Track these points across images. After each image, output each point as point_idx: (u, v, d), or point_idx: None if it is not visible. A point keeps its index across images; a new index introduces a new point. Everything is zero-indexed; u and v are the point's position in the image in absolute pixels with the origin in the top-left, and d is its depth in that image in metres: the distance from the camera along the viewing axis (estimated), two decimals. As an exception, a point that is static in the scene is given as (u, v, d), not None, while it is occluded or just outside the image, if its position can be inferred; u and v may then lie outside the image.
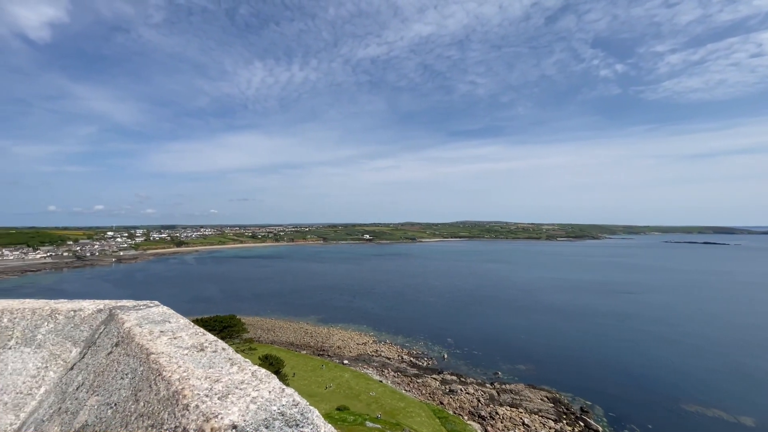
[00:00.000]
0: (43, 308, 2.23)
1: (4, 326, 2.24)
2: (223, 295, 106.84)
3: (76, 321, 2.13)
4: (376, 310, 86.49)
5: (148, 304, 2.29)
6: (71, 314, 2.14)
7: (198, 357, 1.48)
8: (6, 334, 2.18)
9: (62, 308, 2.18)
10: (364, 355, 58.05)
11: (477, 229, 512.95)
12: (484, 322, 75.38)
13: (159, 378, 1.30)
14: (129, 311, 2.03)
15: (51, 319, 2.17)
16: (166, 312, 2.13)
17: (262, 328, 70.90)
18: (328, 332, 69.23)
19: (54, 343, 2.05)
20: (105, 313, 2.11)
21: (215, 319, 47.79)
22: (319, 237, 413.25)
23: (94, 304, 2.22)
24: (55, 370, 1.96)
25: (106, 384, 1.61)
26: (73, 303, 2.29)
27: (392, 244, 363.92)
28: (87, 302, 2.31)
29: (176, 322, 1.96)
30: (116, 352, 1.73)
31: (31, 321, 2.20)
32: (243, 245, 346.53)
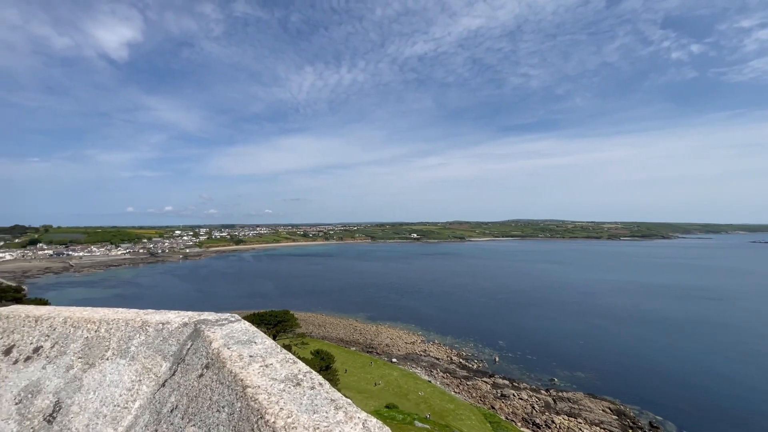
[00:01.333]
0: (134, 319, 2.29)
1: (102, 336, 2.31)
2: (277, 291, 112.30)
3: (164, 334, 2.13)
4: (424, 309, 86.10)
5: (229, 318, 2.26)
6: (160, 327, 2.16)
7: (297, 395, 1.41)
8: (104, 345, 2.25)
9: (151, 320, 2.23)
10: (412, 354, 58.07)
11: (530, 228, 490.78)
12: (539, 325, 72.01)
13: (262, 422, 1.23)
14: (213, 327, 2.05)
15: (142, 331, 2.21)
16: (249, 329, 2.10)
17: (313, 324, 73.48)
18: (376, 330, 70.14)
19: (146, 356, 2.08)
20: (190, 327, 2.10)
21: (270, 314, 50.19)
22: (367, 236, 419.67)
23: (179, 317, 2.25)
24: (148, 384, 1.97)
25: (202, 414, 1.57)
26: (161, 315, 2.35)
27: (440, 243, 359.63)
28: (173, 314, 2.35)
29: (262, 344, 1.93)
30: (208, 376, 1.68)
31: (125, 332, 2.25)
32: (295, 243, 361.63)
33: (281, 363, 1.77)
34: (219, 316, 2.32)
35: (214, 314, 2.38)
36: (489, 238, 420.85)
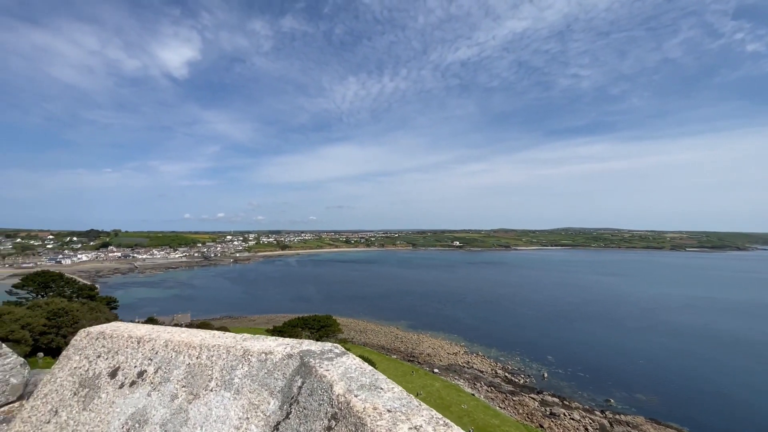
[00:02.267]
0: (235, 347, 2.15)
1: (204, 364, 2.16)
2: (320, 296, 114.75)
3: (268, 366, 1.95)
4: (467, 319, 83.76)
5: (333, 350, 2.06)
6: (263, 357, 2.00)
7: None
8: (206, 374, 2.10)
9: (253, 349, 2.08)
10: (455, 366, 56.49)
11: (582, 237, 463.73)
12: (593, 341, 67.30)
13: None
14: (322, 361, 1.87)
15: (244, 360, 2.05)
16: (366, 368, 1.87)
17: (355, 330, 74.00)
18: (418, 338, 69.20)
19: (251, 390, 1.91)
20: (296, 360, 1.92)
21: (314, 318, 51.30)
22: (408, 243, 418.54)
23: (281, 346, 2.09)
24: (257, 425, 1.78)
25: None
26: (260, 342, 2.21)
27: (484, 252, 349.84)
28: (272, 341, 2.20)
29: (390, 390, 1.68)
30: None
31: (227, 361, 2.10)
32: (338, 249, 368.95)
33: (430, 424, 1.44)
34: (321, 346, 2.13)
35: (315, 344, 2.20)
36: (536, 247, 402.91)
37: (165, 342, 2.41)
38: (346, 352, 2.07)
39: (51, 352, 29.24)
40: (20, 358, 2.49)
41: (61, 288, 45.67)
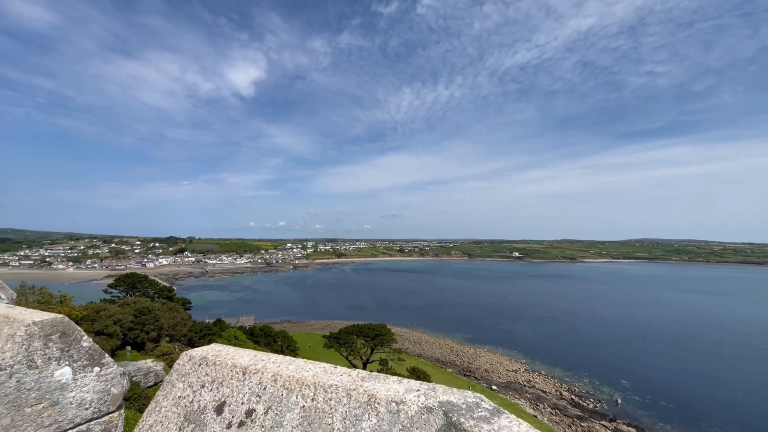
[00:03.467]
0: (356, 390, 1.79)
1: (321, 409, 1.80)
2: (374, 304, 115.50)
3: (402, 421, 1.57)
4: (528, 335, 79.02)
5: (480, 403, 1.66)
6: (393, 408, 1.63)
7: None
8: (326, 422, 1.74)
9: (379, 395, 1.70)
10: (514, 384, 53.39)
11: (660, 249, 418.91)
12: (677, 367, 59.86)
13: None
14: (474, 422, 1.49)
15: (371, 409, 1.68)
16: None
17: (409, 340, 73.20)
18: (474, 353, 66.60)
19: None
20: (437, 416, 1.54)
21: (369, 326, 51.50)
22: (464, 253, 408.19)
23: (413, 394, 1.69)
24: None
25: None
26: (386, 384, 1.83)
27: (546, 264, 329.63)
28: (399, 385, 1.81)
29: None
30: None
31: (350, 408, 1.74)
32: (392, 258, 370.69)
33: None
34: (463, 397, 1.71)
35: (454, 392, 1.79)
36: (606, 260, 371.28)
37: (273, 376, 2.11)
38: (500, 409, 1.64)
39: (136, 346, 32.48)
40: (120, 367, 2.47)
41: (145, 288, 50.84)
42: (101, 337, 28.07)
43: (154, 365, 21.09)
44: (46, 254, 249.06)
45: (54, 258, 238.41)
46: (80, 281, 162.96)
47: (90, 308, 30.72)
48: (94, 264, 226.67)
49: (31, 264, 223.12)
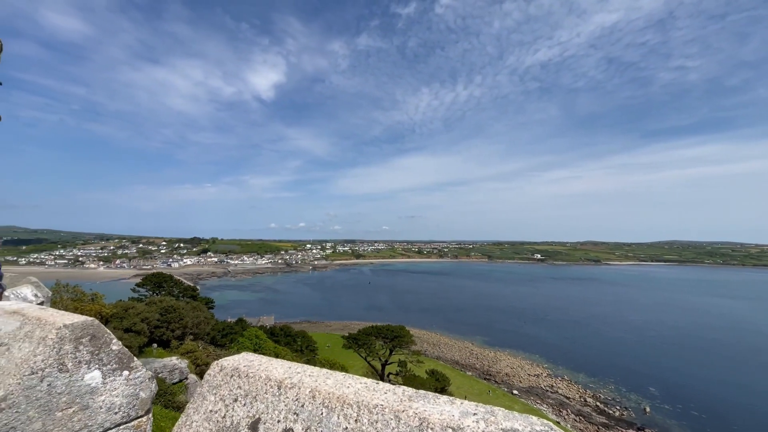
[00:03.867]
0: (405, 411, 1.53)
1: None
2: (393, 305, 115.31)
3: None
4: (551, 339, 77.14)
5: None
6: None
7: None
8: None
9: (432, 419, 1.45)
10: (536, 389, 52.19)
11: (691, 252, 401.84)
12: (711, 375, 57.16)
13: None
14: None
15: None
16: None
17: (428, 342, 72.67)
18: (494, 356, 65.53)
19: None
20: None
21: (387, 328, 51.37)
22: (484, 254, 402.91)
23: (470, 419, 1.43)
24: None
25: None
26: (436, 406, 1.56)
27: (569, 266, 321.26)
28: (452, 407, 1.55)
29: None
30: None
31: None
32: (410, 260, 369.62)
33: None
34: (530, 424, 1.47)
35: (515, 417, 1.55)
36: (632, 262, 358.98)
37: (311, 391, 1.91)
38: None
39: (162, 344, 33.42)
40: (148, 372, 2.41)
41: (170, 288, 52.35)
42: (129, 335, 29.00)
43: (179, 363, 21.61)
44: (79, 254, 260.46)
45: (86, 258, 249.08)
46: (110, 280, 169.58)
47: (119, 306, 31.84)
48: (122, 264, 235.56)
49: (65, 263, 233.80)
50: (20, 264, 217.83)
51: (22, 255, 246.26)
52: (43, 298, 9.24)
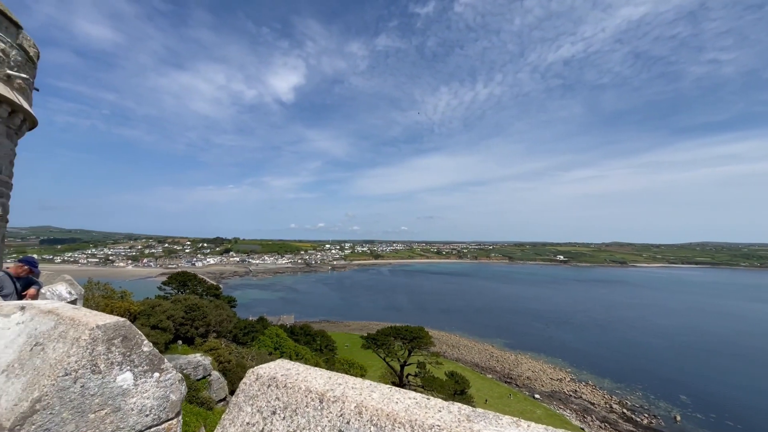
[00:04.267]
0: None
1: None
2: (412, 306, 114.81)
3: None
4: (574, 343, 75.10)
5: None
6: None
7: None
8: None
9: None
10: (559, 393, 50.89)
11: (725, 254, 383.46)
12: (747, 383, 54.34)
13: None
14: None
15: None
16: None
17: (447, 344, 72.00)
18: (515, 359, 64.30)
19: None
20: None
21: (406, 329, 51.13)
22: (504, 256, 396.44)
23: None
24: None
25: None
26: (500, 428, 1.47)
27: (594, 268, 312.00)
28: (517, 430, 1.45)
29: None
30: None
31: None
32: (429, 260, 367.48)
33: None
34: None
35: None
36: (661, 265, 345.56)
37: (357, 407, 1.71)
38: None
39: (186, 341, 34.32)
40: (178, 374, 2.34)
41: (194, 286, 53.73)
42: (156, 331, 29.90)
43: (203, 359, 22.11)
44: (109, 253, 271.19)
45: (116, 256, 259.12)
46: (138, 278, 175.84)
47: (146, 304, 32.89)
48: (149, 263, 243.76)
49: (97, 262, 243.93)
50: (55, 262, 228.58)
51: (57, 254, 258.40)
52: (76, 296, 9.59)
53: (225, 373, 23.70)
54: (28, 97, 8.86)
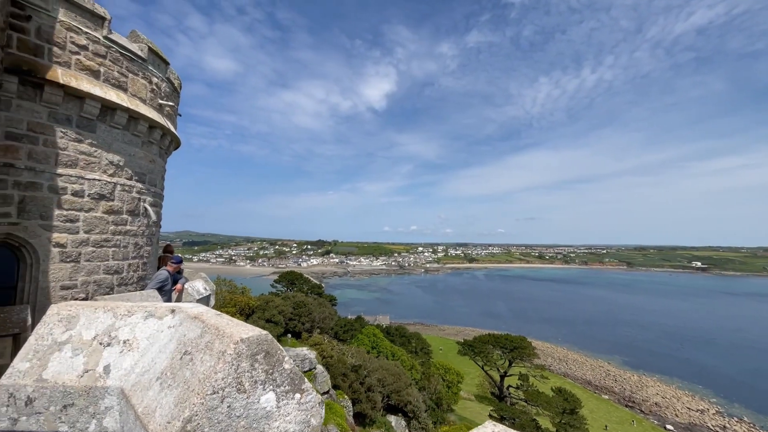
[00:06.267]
0: None
1: None
2: (511, 314, 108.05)
3: None
4: (721, 368, 62.10)
5: None
6: None
7: None
8: None
9: None
10: (700, 427, 42.54)
11: None
12: None
13: None
14: None
15: None
16: None
17: (552, 356, 66.00)
18: (639, 381, 55.74)
19: None
20: None
21: (506, 337, 48.22)
22: (621, 261, 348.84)
23: None
24: None
25: None
26: None
27: (746, 278, 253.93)
28: None
29: None
30: None
31: None
32: (529, 265, 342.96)
33: None
34: None
35: None
36: None
37: None
38: None
39: (295, 335, 37.40)
40: (318, 395, 2.15)
41: (301, 285, 58.52)
42: (270, 325, 33.14)
43: (309, 353, 23.65)
44: (232, 254, 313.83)
45: (237, 257, 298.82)
46: (254, 276, 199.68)
47: (262, 299, 36.81)
48: (263, 262, 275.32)
49: (223, 261, 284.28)
50: (193, 261, 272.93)
51: (194, 254, 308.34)
52: (210, 291, 10.88)
53: (328, 368, 24.98)
54: (174, 121, 10.37)
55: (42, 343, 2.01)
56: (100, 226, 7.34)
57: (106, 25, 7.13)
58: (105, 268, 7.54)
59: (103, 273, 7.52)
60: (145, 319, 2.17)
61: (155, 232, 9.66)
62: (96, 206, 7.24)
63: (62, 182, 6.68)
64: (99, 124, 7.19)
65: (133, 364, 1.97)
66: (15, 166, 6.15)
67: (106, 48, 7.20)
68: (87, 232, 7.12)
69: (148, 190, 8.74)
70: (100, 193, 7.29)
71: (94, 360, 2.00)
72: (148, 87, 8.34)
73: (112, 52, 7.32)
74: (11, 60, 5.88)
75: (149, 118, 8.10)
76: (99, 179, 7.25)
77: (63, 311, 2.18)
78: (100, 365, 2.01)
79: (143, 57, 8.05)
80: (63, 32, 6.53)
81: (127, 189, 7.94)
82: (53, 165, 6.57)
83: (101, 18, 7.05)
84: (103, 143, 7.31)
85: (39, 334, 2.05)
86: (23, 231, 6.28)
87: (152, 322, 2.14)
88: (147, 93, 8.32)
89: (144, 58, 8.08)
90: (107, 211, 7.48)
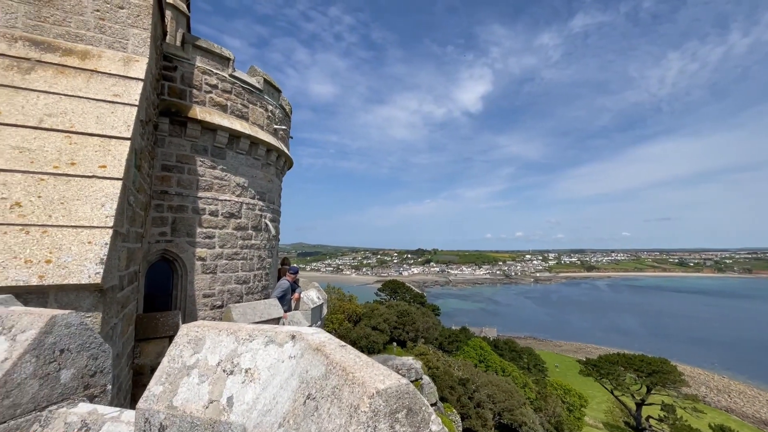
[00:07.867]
0: None
1: None
2: (645, 331, 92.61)
3: None
4: None
5: None
6: None
7: None
8: None
9: None
10: None
11: None
12: None
13: None
14: None
15: None
16: None
17: (707, 386, 54.29)
18: None
19: None
20: None
21: (641, 359, 41.32)
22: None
23: None
24: None
25: None
26: None
27: None
28: None
29: None
30: None
31: None
32: (666, 274, 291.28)
33: None
34: None
35: None
36: None
37: None
38: None
39: (400, 343, 37.81)
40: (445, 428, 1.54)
41: (403, 294, 59.33)
42: (376, 332, 34.13)
43: (415, 363, 23.44)
44: (339, 263, 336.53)
45: (344, 266, 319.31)
46: (359, 284, 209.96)
47: (367, 307, 38.22)
48: (367, 271, 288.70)
49: (331, 270, 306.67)
50: (306, 270, 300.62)
51: (307, 264, 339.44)
52: (323, 300, 11.50)
53: (434, 379, 24.43)
54: (287, 143, 11.39)
55: (173, 366, 2.07)
56: (231, 241, 8.34)
57: (231, 64, 8.19)
58: (236, 279, 8.51)
59: (234, 283, 8.49)
60: (266, 345, 2.11)
61: (275, 245, 10.64)
62: (227, 223, 8.27)
63: (202, 204, 7.78)
64: (227, 151, 8.23)
65: (254, 398, 1.90)
66: (168, 192, 7.34)
67: (231, 84, 8.25)
68: (221, 246, 8.14)
69: (268, 207, 9.70)
70: (230, 211, 8.31)
71: (218, 390, 1.98)
72: (264, 114, 9.30)
73: (236, 87, 8.35)
74: (164, 105, 7.10)
75: (267, 142, 9.01)
76: (229, 199, 8.28)
77: (191, 332, 2.23)
78: (224, 396, 1.97)
79: (260, 88, 9.03)
80: (199, 76, 7.67)
81: (251, 207, 8.91)
82: (195, 189, 7.69)
83: (227, 59, 8.12)
84: (231, 168, 8.34)
85: (171, 356, 2.12)
86: (175, 247, 7.43)
87: (273, 350, 2.07)
88: (264, 120, 9.28)
89: (260, 89, 9.05)
90: (236, 228, 8.47)
